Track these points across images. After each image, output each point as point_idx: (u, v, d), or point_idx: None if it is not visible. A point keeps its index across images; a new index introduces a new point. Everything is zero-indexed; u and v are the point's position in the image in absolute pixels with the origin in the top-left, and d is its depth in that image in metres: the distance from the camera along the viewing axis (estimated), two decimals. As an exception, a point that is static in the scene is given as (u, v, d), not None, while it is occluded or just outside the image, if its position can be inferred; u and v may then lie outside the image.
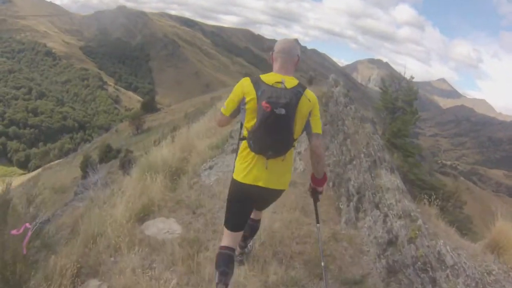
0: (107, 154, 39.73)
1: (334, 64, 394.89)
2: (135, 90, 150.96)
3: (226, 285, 2.64)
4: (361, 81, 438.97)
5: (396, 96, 12.48)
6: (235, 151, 3.21)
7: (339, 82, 7.66)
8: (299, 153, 6.57)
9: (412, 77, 13.25)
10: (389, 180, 4.23)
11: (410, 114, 12.14)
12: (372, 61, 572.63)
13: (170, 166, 5.85)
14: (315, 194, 2.92)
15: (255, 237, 3.56)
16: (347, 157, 5.28)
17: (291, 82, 2.49)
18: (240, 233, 2.88)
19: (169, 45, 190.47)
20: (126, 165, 18.96)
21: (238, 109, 2.62)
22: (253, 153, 2.53)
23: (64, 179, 39.56)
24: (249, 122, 2.49)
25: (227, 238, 2.76)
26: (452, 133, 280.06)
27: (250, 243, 3.54)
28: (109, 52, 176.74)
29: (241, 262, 3.44)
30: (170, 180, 5.54)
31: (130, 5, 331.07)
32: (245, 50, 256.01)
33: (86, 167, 31.97)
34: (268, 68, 2.92)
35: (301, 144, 6.58)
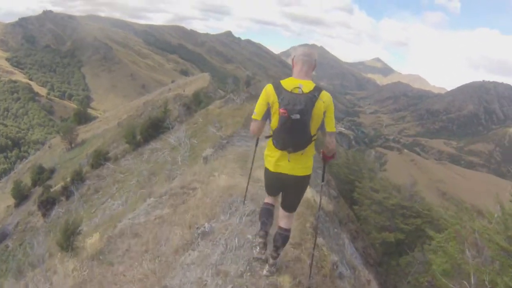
0: (40, 176, 38.36)
1: (269, 52, 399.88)
2: (69, 98, 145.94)
3: (266, 232, 3.55)
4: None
5: None
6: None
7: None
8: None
9: None
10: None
11: None
12: (306, 46, 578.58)
13: None
14: (324, 159, 3.48)
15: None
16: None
17: (308, 86, 2.90)
18: (277, 196, 3.56)
19: (100, 48, 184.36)
20: (42, 206, 22.25)
21: (268, 112, 3.07)
22: (277, 150, 3.08)
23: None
24: (274, 123, 2.99)
25: (268, 198, 3.58)
26: (391, 108, 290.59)
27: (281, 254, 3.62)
28: (39, 61, 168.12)
29: (273, 273, 3.55)
30: None
31: (57, 9, 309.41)
32: (179, 47, 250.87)
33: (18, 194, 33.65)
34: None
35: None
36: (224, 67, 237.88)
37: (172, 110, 36.14)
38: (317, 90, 2.88)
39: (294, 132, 2.83)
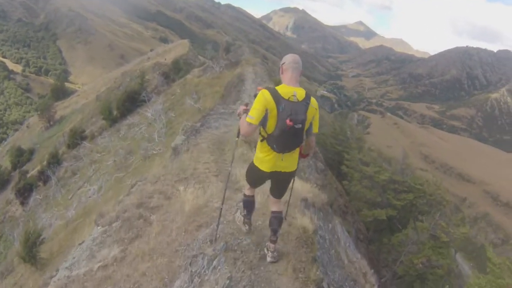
0: (19, 158, 37.75)
1: (250, 16, 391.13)
2: (46, 73, 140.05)
3: (250, 219, 4.05)
4: (278, 30, 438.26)
5: None
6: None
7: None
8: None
9: None
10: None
11: None
12: (287, 10, 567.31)
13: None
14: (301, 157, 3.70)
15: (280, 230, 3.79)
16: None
17: (301, 94, 3.20)
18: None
19: (75, 19, 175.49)
20: (19, 194, 21.24)
21: (264, 117, 3.20)
22: (272, 151, 3.31)
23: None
24: (270, 128, 3.22)
25: (249, 191, 3.87)
26: (374, 72, 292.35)
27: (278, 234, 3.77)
28: (11, 36, 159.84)
29: (276, 258, 3.72)
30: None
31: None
32: (157, 14, 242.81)
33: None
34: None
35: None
36: (204, 32, 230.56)
37: (151, 79, 34.85)
38: (308, 97, 3.23)
39: (294, 138, 3.21)
